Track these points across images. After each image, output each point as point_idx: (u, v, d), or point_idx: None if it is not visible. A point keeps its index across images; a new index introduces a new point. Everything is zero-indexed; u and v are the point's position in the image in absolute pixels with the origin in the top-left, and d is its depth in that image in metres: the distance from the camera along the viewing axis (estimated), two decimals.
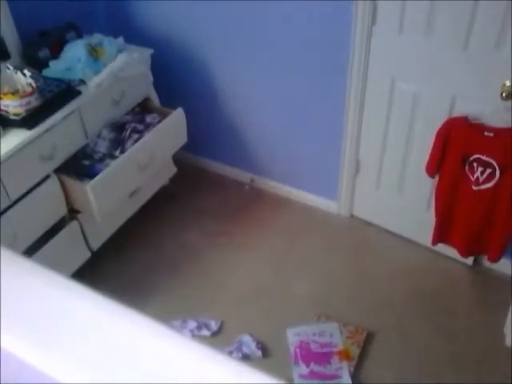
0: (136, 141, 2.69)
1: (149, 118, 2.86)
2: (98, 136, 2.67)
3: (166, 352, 0.57)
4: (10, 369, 0.57)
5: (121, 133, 2.74)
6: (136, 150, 2.64)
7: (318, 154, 2.98)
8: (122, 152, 2.64)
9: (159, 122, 2.81)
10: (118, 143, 2.70)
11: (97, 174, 2.47)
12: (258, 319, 2.59)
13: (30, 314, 0.60)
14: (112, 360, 0.56)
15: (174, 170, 3.19)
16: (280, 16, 2.58)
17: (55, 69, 2.55)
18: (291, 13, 2.53)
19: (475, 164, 2.35)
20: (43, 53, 2.60)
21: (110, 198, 2.56)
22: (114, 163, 2.54)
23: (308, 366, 2.39)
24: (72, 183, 2.48)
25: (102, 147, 2.66)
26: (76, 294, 0.63)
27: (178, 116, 2.87)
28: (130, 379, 0.54)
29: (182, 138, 2.98)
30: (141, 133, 2.75)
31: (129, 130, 2.73)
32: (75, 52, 2.55)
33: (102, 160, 2.63)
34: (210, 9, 2.76)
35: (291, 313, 2.61)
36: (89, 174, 2.52)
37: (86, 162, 2.61)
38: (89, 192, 2.41)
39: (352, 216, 3.10)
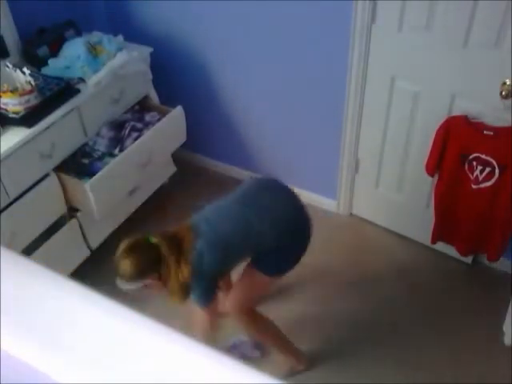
0: (135, 139, 2.68)
1: (148, 117, 2.86)
2: (97, 134, 2.67)
3: (166, 351, 0.57)
4: (10, 369, 0.57)
5: (120, 131, 2.73)
6: (135, 149, 2.63)
7: (317, 152, 2.98)
8: (121, 150, 2.63)
9: (158, 120, 2.81)
10: (118, 142, 2.70)
11: (96, 173, 2.46)
12: None
13: (29, 314, 0.60)
14: (111, 360, 0.56)
15: (173, 169, 3.18)
16: (279, 15, 2.58)
17: (54, 67, 2.55)
18: (291, 11, 2.53)
19: (475, 163, 2.35)
20: (42, 51, 2.59)
21: (109, 196, 2.56)
22: (112, 161, 2.54)
23: None
24: (71, 181, 2.47)
25: (101, 146, 2.65)
26: (75, 294, 0.63)
27: (177, 114, 2.87)
28: (129, 379, 0.54)
29: (182, 136, 2.98)
30: (140, 131, 2.74)
31: (128, 129, 2.73)
32: (74, 50, 2.55)
33: (101, 158, 2.63)
34: (209, 7, 2.75)
35: (290, 311, 2.61)
36: (88, 172, 2.52)
37: (85, 161, 2.60)
38: (88, 190, 2.40)
39: (351, 214, 3.10)
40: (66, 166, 2.52)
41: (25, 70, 2.32)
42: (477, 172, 2.36)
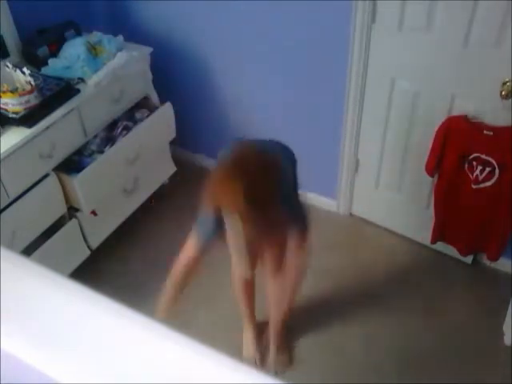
0: None
1: (138, 114, 2.87)
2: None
3: (166, 351, 0.57)
4: (10, 369, 0.57)
5: (112, 131, 2.75)
6: (122, 144, 2.67)
7: (317, 152, 2.97)
8: None
9: (148, 117, 2.84)
10: (109, 141, 2.71)
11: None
12: (258, 317, 2.59)
13: (29, 314, 0.60)
14: (112, 360, 0.56)
15: (173, 168, 3.18)
16: (279, 15, 2.58)
17: (54, 67, 2.54)
18: (291, 12, 2.53)
19: (474, 163, 2.35)
20: (42, 51, 2.59)
21: (98, 191, 2.59)
22: (100, 157, 2.58)
23: None
24: (61, 177, 2.48)
25: (94, 145, 2.66)
26: (75, 294, 0.63)
27: (165, 110, 2.88)
28: (129, 379, 0.54)
29: (171, 132, 3.01)
30: (131, 130, 2.77)
31: (120, 128, 2.74)
32: (74, 50, 2.55)
33: (90, 155, 2.64)
34: (209, 7, 2.75)
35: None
36: (77, 168, 2.54)
37: (75, 158, 2.61)
38: (76, 185, 2.43)
39: (351, 214, 3.10)
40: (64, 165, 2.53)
41: (25, 70, 2.32)
42: (477, 172, 2.36)
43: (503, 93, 2.17)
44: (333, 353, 2.46)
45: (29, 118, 2.28)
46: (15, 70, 2.33)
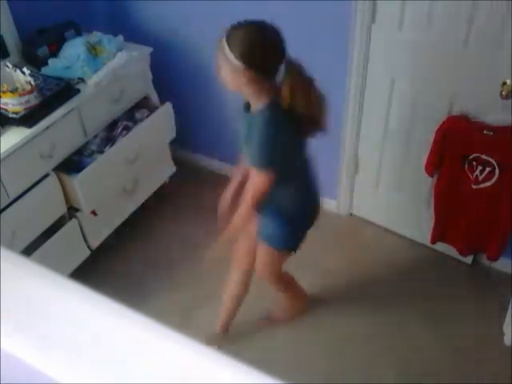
0: None
1: (138, 114, 2.87)
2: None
3: (166, 351, 0.57)
4: (10, 369, 0.57)
5: (112, 131, 2.75)
6: (122, 144, 2.67)
7: (317, 152, 2.97)
8: None
9: (147, 117, 2.84)
10: (109, 141, 2.71)
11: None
12: (258, 317, 2.59)
13: (29, 314, 0.60)
14: (111, 360, 0.56)
15: (173, 168, 3.19)
16: (279, 15, 2.57)
17: (54, 67, 2.55)
18: (290, 12, 2.53)
19: (474, 163, 2.35)
20: (42, 51, 2.59)
21: (98, 191, 2.59)
22: (100, 157, 2.58)
23: None
24: (61, 177, 2.49)
25: (94, 145, 2.66)
26: (75, 294, 0.63)
27: (165, 111, 2.88)
28: (129, 379, 0.54)
29: (170, 132, 3.00)
30: (131, 130, 2.77)
31: (120, 128, 2.74)
32: (74, 50, 2.55)
33: (90, 155, 2.64)
34: (209, 7, 2.75)
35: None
36: (77, 168, 2.53)
37: (75, 158, 2.61)
38: (76, 185, 2.43)
39: (351, 215, 3.10)
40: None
41: (25, 70, 2.32)
42: (477, 172, 2.36)
43: (503, 93, 2.17)
44: (333, 352, 2.46)
45: (29, 118, 2.28)
46: (15, 70, 2.33)
